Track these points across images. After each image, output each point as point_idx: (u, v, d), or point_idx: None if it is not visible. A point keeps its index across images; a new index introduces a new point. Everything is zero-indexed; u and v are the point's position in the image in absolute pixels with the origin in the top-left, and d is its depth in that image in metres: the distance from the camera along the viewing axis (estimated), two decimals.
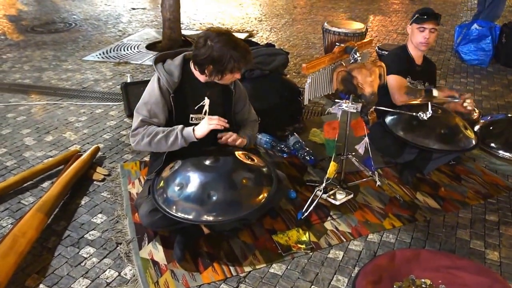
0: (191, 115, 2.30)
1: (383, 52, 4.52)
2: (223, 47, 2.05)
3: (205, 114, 2.31)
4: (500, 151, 3.21)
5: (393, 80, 2.82)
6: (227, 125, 2.18)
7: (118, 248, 2.32)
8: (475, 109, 3.66)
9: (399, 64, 2.90)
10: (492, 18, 5.64)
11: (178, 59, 2.24)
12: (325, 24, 4.19)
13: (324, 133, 2.44)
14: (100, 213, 2.61)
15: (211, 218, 2.02)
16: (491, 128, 3.44)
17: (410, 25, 2.95)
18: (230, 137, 2.27)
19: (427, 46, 2.92)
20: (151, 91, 2.22)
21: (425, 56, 3.09)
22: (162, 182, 2.19)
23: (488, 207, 2.67)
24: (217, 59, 2.07)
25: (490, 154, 3.23)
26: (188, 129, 2.16)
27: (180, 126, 2.18)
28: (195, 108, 2.30)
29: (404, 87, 2.81)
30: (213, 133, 2.27)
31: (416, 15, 2.87)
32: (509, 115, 3.61)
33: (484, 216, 2.59)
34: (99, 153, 3.23)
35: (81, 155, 3.06)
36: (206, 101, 2.29)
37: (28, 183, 2.86)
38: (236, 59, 2.07)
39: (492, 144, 3.26)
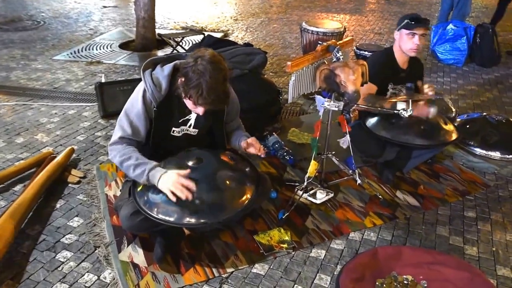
0: (173, 128, 2.20)
1: (361, 52, 4.53)
2: (202, 72, 1.87)
3: (189, 126, 2.21)
4: (477, 149, 3.27)
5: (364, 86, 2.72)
6: (187, 197, 1.93)
7: (96, 251, 2.25)
8: (452, 108, 3.71)
9: (379, 70, 2.75)
10: (462, 16, 5.73)
11: (168, 69, 2.05)
12: (303, 23, 4.19)
13: (315, 131, 2.43)
14: (77, 216, 2.53)
15: (193, 221, 1.96)
16: (467, 126, 3.50)
17: (398, 30, 2.77)
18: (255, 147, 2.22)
19: (417, 52, 2.78)
20: (135, 102, 2.08)
21: (412, 57, 2.90)
22: None
23: (466, 204, 2.72)
24: (190, 77, 1.89)
25: (468, 152, 3.29)
26: (156, 174, 1.97)
27: (151, 165, 2.01)
28: (180, 121, 2.18)
29: (368, 94, 2.71)
30: (193, 140, 2.24)
31: (406, 21, 2.70)
32: (485, 113, 3.68)
33: (463, 213, 2.63)
34: (73, 155, 3.13)
35: (55, 157, 2.96)
36: (193, 114, 2.17)
37: None
38: (202, 90, 1.87)
39: (469, 142, 3.32)
